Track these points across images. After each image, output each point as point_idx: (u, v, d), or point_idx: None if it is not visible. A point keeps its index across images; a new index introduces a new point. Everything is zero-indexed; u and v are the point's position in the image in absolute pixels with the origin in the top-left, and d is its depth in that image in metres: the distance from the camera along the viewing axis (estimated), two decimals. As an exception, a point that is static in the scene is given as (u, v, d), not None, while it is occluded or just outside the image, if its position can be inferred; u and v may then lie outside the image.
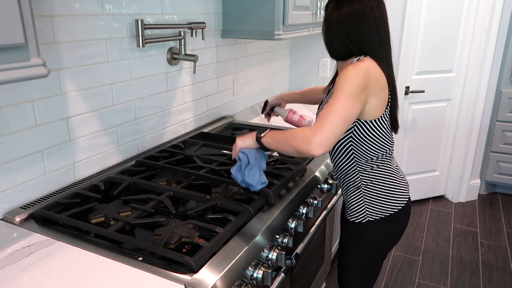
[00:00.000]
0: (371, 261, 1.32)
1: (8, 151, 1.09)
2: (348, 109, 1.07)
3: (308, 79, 2.89)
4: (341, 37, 1.18)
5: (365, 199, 1.24)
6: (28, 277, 0.86)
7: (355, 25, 1.15)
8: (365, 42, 1.16)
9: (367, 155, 1.21)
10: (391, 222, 1.25)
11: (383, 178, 1.24)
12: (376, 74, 1.13)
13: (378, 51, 1.17)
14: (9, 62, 0.73)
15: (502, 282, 2.26)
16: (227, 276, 0.88)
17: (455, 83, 2.93)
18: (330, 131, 1.05)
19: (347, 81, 1.08)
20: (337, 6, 1.17)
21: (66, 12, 1.19)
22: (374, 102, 1.14)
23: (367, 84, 1.10)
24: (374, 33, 1.16)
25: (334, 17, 1.17)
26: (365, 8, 1.14)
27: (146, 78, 1.54)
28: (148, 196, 1.18)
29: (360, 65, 1.11)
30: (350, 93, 1.07)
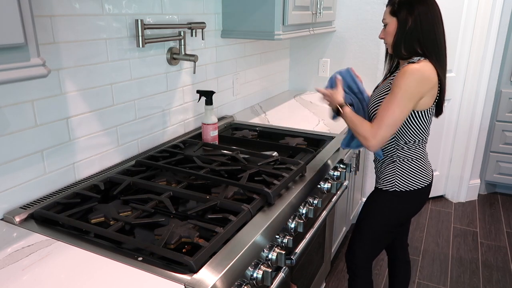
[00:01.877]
0: (385, 229, 1.49)
1: (8, 151, 1.09)
2: (404, 107, 1.27)
3: (308, 79, 2.89)
4: (412, 39, 1.32)
5: (397, 171, 1.43)
6: (28, 277, 0.86)
7: (428, 28, 1.30)
8: (433, 46, 1.31)
9: (406, 139, 1.39)
10: (413, 195, 1.44)
11: (415, 158, 1.41)
12: (430, 76, 1.28)
13: (439, 52, 1.33)
14: (9, 62, 0.73)
15: (502, 282, 2.26)
16: (227, 276, 0.88)
17: (455, 83, 2.93)
18: (387, 132, 1.29)
19: (406, 83, 1.26)
20: (412, 10, 1.29)
21: (66, 12, 1.19)
22: (425, 99, 1.31)
23: (422, 86, 1.27)
24: (440, 34, 1.32)
25: (410, 22, 1.30)
26: (434, 10, 1.30)
27: (146, 78, 1.54)
28: (148, 196, 1.18)
29: (419, 69, 1.26)
30: (407, 95, 1.26)
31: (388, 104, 1.29)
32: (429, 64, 1.30)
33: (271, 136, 1.91)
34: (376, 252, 1.56)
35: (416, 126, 1.36)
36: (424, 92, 1.28)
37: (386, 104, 1.29)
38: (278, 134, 1.90)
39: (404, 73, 1.27)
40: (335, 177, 1.63)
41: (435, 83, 1.31)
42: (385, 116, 1.28)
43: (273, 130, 1.94)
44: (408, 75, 1.26)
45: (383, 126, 1.28)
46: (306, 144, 1.71)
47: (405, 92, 1.26)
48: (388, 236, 1.53)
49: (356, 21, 2.62)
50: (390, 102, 1.28)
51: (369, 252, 1.55)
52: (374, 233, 1.51)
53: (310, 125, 2.02)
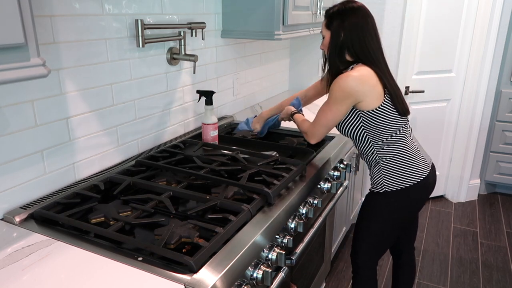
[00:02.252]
0: (384, 229, 1.50)
1: (8, 151, 1.09)
2: (336, 111, 1.38)
3: (308, 79, 2.89)
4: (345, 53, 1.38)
5: (383, 172, 1.44)
6: (28, 277, 0.86)
7: (360, 38, 1.35)
8: (366, 55, 1.36)
9: (380, 137, 1.40)
10: (405, 194, 1.43)
11: (398, 154, 1.42)
12: (364, 80, 1.33)
13: (376, 57, 1.37)
14: (9, 62, 0.73)
15: (502, 282, 2.26)
16: (227, 276, 0.88)
17: (455, 83, 2.93)
18: (321, 130, 1.44)
19: (334, 90, 1.35)
20: (343, 22, 1.35)
21: (66, 12, 1.19)
22: (368, 99, 1.34)
23: (356, 90, 1.32)
24: (374, 43, 1.37)
25: (342, 34, 1.36)
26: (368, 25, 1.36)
27: (146, 78, 1.54)
28: (148, 196, 1.18)
29: (349, 76, 1.32)
30: (336, 100, 1.36)
31: (323, 108, 1.42)
32: (364, 68, 1.35)
33: (271, 136, 1.91)
34: (379, 253, 1.56)
35: (381, 123, 1.37)
36: (358, 96, 1.33)
37: (322, 107, 1.42)
38: (278, 134, 1.90)
39: (336, 80, 1.35)
40: (335, 177, 1.63)
41: (373, 84, 1.33)
42: (321, 117, 1.43)
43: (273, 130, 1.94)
44: (339, 83, 1.33)
45: (318, 125, 1.44)
46: (306, 144, 1.71)
47: (336, 98, 1.35)
48: (390, 237, 1.53)
49: (356, 21, 2.61)
50: (324, 105, 1.41)
51: (372, 254, 1.55)
52: (374, 236, 1.51)
53: (310, 125, 2.02)
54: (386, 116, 1.37)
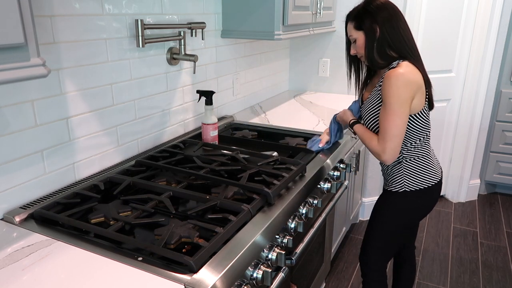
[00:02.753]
0: (398, 229, 1.49)
1: (8, 151, 1.09)
2: (404, 115, 1.28)
3: (308, 79, 2.89)
4: (385, 49, 1.33)
5: (404, 172, 1.43)
6: (28, 277, 0.86)
7: (395, 31, 1.31)
8: (404, 45, 1.32)
9: (411, 140, 1.39)
10: (423, 195, 1.43)
11: (421, 156, 1.42)
12: (415, 77, 1.28)
13: (413, 51, 1.34)
14: (9, 62, 0.73)
15: (502, 282, 2.26)
16: (227, 276, 0.88)
17: (455, 83, 2.93)
18: (395, 143, 1.30)
19: (395, 91, 1.26)
20: (375, 19, 1.32)
21: (66, 12, 1.19)
22: (416, 99, 1.31)
23: (411, 89, 1.27)
24: (410, 36, 1.34)
25: (377, 30, 1.32)
26: (396, 13, 1.32)
27: (146, 78, 1.54)
28: (148, 196, 1.18)
29: (402, 73, 1.26)
30: (401, 101, 1.27)
31: (386, 116, 1.30)
32: (409, 64, 1.30)
33: (271, 136, 1.91)
34: (390, 254, 1.56)
35: (416, 128, 1.37)
36: (413, 93, 1.29)
37: (385, 116, 1.30)
38: (278, 134, 1.90)
39: (389, 80, 1.27)
40: (335, 177, 1.63)
41: (421, 82, 1.31)
42: (388, 128, 1.29)
43: (273, 130, 1.94)
44: (394, 81, 1.26)
45: (388, 138, 1.30)
46: (306, 144, 1.71)
47: (398, 100, 1.27)
48: (401, 238, 1.53)
49: (356, 21, 2.62)
50: (388, 114, 1.29)
51: (383, 255, 1.55)
52: (387, 235, 1.51)
53: (310, 125, 2.02)
54: (423, 120, 1.36)
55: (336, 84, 2.80)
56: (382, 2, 1.33)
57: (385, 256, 1.56)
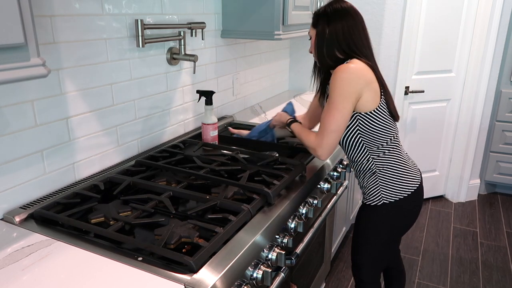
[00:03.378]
0: (384, 242, 1.44)
1: (8, 151, 1.09)
2: (345, 110, 1.26)
3: (308, 79, 2.89)
4: (333, 49, 1.33)
5: (380, 183, 1.37)
6: (28, 277, 0.86)
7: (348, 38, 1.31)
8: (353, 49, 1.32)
9: (377, 142, 1.34)
10: (404, 204, 1.38)
11: (394, 162, 1.37)
12: (363, 72, 1.27)
13: (367, 53, 1.34)
14: (9, 62, 0.73)
15: (502, 282, 2.26)
16: (226, 276, 0.88)
17: (455, 83, 2.93)
18: (332, 139, 1.28)
19: (338, 84, 1.25)
20: (329, 21, 1.32)
21: (66, 12, 1.19)
22: (366, 95, 1.27)
23: (356, 82, 1.25)
24: (364, 41, 1.34)
25: (327, 32, 1.32)
26: (355, 23, 1.32)
27: (146, 78, 1.54)
28: (148, 196, 1.18)
29: (349, 67, 1.26)
30: (343, 95, 1.25)
31: (327, 110, 1.28)
32: (359, 61, 1.29)
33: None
34: (382, 264, 1.51)
35: (378, 127, 1.31)
36: (360, 88, 1.25)
37: (326, 110, 1.29)
38: (278, 134, 1.90)
39: (335, 74, 1.27)
40: (335, 177, 1.63)
41: (371, 78, 1.28)
42: (327, 123, 1.28)
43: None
44: (339, 74, 1.25)
45: (326, 133, 1.28)
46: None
47: (340, 94, 1.25)
48: (390, 248, 1.49)
49: (356, 21, 2.62)
50: (329, 108, 1.27)
51: (375, 267, 1.51)
52: (375, 250, 1.46)
53: (310, 125, 2.02)
54: (383, 119, 1.31)
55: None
56: (342, 6, 1.33)
57: (378, 268, 1.51)
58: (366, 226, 1.45)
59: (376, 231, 1.42)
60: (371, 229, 1.43)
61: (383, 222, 1.40)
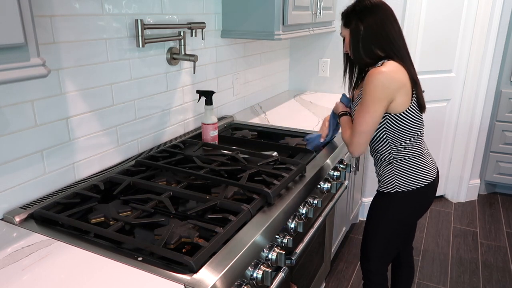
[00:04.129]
0: (394, 231, 1.48)
1: (8, 151, 1.09)
2: (376, 114, 1.30)
3: (308, 79, 2.89)
4: (369, 45, 1.34)
5: (396, 172, 1.42)
6: (28, 277, 0.86)
7: (380, 31, 1.32)
8: (389, 44, 1.33)
9: (400, 140, 1.39)
10: (416, 195, 1.42)
11: (413, 156, 1.41)
12: (397, 76, 1.28)
13: (399, 50, 1.34)
14: (9, 62, 0.73)
15: (502, 282, 2.26)
16: (226, 276, 0.88)
17: (455, 83, 2.93)
18: (362, 139, 1.35)
19: (371, 88, 1.28)
20: (361, 18, 1.34)
21: (66, 12, 1.19)
22: (399, 98, 1.31)
23: (389, 87, 1.27)
24: (397, 35, 1.34)
25: (361, 28, 1.34)
26: (385, 13, 1.33)
27: (146, 78, 1.54)
28: (148, 196, 1.18)
29: (383, 72, 1.27)
30: (374, 99, 1.28)
31: (359, 111, 1.34)
32: (395, 64, 1.30)
33: (271, 136, 1.91)
34: (390, 256, 1.55)
35: (404, 128, 1.36)
36: (392, 93, 1.29)
37: (358, 111, 1.35)
38: (278, 134, 1.90)
39: (368, 78, 1.29)
40: (335, 177, 1.63)
41: (405, 81, 1.30)
42: (358, 124, 1.34)
43: (273, 130, 1.94)
44: (371, 79, 1.28)
45: (357, 133, 1.35)
46: (306, 144, 1.71)
47: (372, 97, 1.29)
48: (399, 238, 1.52)
49: (356, 21, 2.62)
50: (361, 110, 1.33)
51: (384, 258, 1.54)
52: (385, 238, 1.50)
53: (310, 125, 2.02)
54: (411, 119, 1.35)
55: (336, 84, 2.80)
56: (372, 2, 1.34)
57: (386, 259, 1.55)
58: (377, 213, 1.49)
59: (387, 218, 1.47)
60: (383, 216, 1.47)
61: (394, 210, 1.45)
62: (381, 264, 1.55)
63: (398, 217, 1.46)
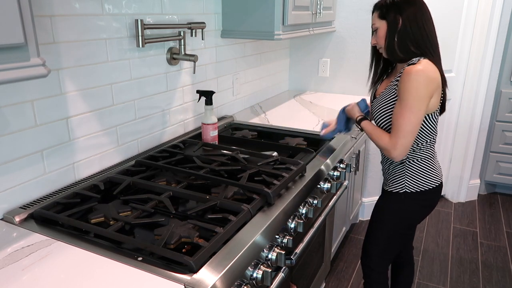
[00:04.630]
0: (398, 230, 1.48)
1: (8, 151, 1.09)
2: (420, 113, 1.26)
3: (308, 79, 2.89)
4: (406, 41, 1.31)
5: (406, 173, 1.42)
6: (28, 277, 0.86)
7: (419, 27, 1.29)
8: (427, 44, 1.30)
9: (418, 141, 1.37)
10: (423, 196, 1.42)
11: (424, 158, 1.40)
12: (434, 75, 1.27)
13: (434, 49, 1.32)
14: (9, 62, 0.73)
15: (502, 282, 2.26)
16: (226, 276, 0.88)
17: (455, 83, 2.93)
18: (407, 141, 1.28)
19: (414, 86, 1.24)
20: (401, 11, 1.30)
21: (66, 12, 1.19)
22: (434, 98, 1.30)
23: (430, 86, 1.25)
24: (433, 33, 1.32)
25: (400, 22, 1.30)
26: (423, 9, 1.30)
27: (146, 78, 1.54)
28: (148, 196, 1.18)
29: (422, 70, 1.24)
30: (418, 98, 1.24)
31: (401, 111, 1.27)
32: (430, 63, 1.28)
33: (271, 136, 1.91)
34: (391, 256, 1.55)
35: (425, 129, 1.36)
36: (432, 92, 1.27)
37: (400, 112, 1.28)
38: (278, 134, 1.90)
39: (409, 76, 1.25)
40: (335, 177, 1.63)
41: (439, 81, 1.29)
42: (402, 125, 1.27)
43: (273, 130, 1.94)
44: (413, 77, 1.24)
45: (401, 135, 1.28)
46: (306, 144, 1.71)
47: (416, 96, 1.24)
48: (402, 239, 1.52)
49: (356, 21, 2.62)
50: (403, 109, 1.27)
51: (385, 257, 1.54)
52: (388, 237, 1.50)
53: (310, 125, 2.02)
54: (433, 122, 1.34)
55: (336, 84, 2.80)
56: None
57: (387, 258, 1.55)
58: (383, 211, 1.49)
59: (392, 217, 1.46)
60: (390, 214, 1.47)
61: (401, 210, 1.45)
62: (381, 262, 1.55)
63: (404, 217, 1.46)
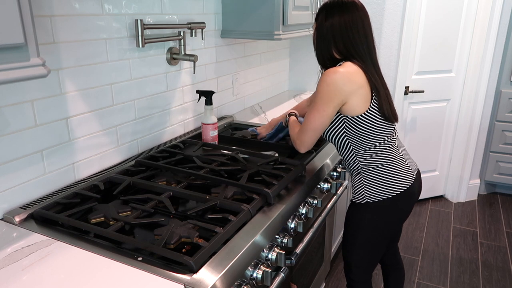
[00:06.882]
0: (371, 240, 1.42)
1: (8, 151, 1.09)
2: (322, 112, 1.27)
3: (308, 79, 2.89)
4: (329, 46, 1.31)
5: (365, 182, 1.36)
6: (28, 277, 0.86)
7: (344, 34, 1.27)
8: (350, 48, 1.28)
9: (364, 146, 1.33)
10: (388, 205, 1.35)
11: (382, 164, 1.34)
12: (353, 77, 1.24)
13: (361, 56, 1.29)
14: (9, 62, 0.73)
15: (502, 282, 2.26)
16: (226, 276, 0.88)
17: (455, 83, 2.93)
18: (309, 137, 1.33)
19: (322, 87, 1.26)
20: (327, 16, 1.29)
21: (66, 12, 1.19)
22: (353, 101, 1.26)
23: (343, 89, 1.23)
24: (363, 38, 1.28)
25: (324, 27, 1.30)
26: (354, 19, 1.27)
27: (146, 78, 1.55)
28: (148, 196, 1.18)
29: (338, 72, 1.24)
30: (324, 99, 1.26)
31: (310, 109, 1.31)
32: (351, 65, 1.26)
33: (271, 136, 1.91)
34: (372, 264, 1.48)
35: (365, 132, 1.29)
36: (345, 94, 1.23)
37: (309, 110, 1.32)
38: (278, 134, 1.90)
39: (323, 76, 1.26)
40: (334, 177, 1.63)
41: (361, 84, 1.25)
42: (307, 122, 1.32)
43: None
44: (325, 78, 1.25)
45: (305, 131, 1.33)
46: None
47: (322, 96, 1.25)
48: (379, 247, 1.45)
49: (356, 21, 2.62)
50: (312, 107, 1.30)
51: (366, 266, 1.48)
52: (362, 247, 1.43)
53: (310, 125, 2.02)
54: (372, 124, 1.28)
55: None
56: (345, 1, 1.28)
57: (368, 267, 1.48)
58: (351, 224, 1.43)
59: (362, 228, 1.40)
60: (357, 226, 1.41)
61: (367, 220, 1.38)
62: (363, 273, 1.49)
63: (373, 227, 1.39)
